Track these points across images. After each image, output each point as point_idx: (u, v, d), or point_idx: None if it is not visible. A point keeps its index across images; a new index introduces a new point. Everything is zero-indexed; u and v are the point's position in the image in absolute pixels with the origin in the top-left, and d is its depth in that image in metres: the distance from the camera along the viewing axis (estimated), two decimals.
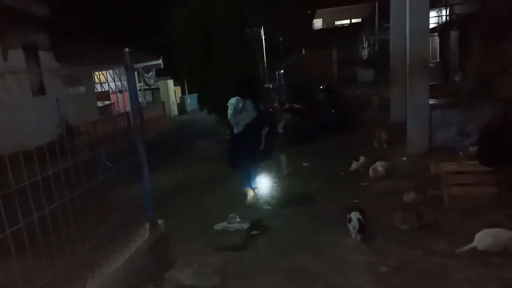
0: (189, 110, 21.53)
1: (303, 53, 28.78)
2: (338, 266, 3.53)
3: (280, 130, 9.91)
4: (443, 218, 4.27)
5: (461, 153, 5.43)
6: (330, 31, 34.43)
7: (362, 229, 3.90)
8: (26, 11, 10.07)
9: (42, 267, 2.48)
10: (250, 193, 5.47)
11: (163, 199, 5.54)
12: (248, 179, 5.51)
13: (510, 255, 3.32)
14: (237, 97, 5.26)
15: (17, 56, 9.98)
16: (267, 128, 5.46)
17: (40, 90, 10.83)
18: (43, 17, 10.95)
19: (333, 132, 9.60)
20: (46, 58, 11.14)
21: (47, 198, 2.51)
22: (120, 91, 16.99)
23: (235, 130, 5.34)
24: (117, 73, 16.82)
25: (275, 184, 6.40)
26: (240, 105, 5.21)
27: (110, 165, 3.13)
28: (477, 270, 3.21)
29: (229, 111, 5.23)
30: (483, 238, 3.43)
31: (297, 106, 10.08)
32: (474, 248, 3.43)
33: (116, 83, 17.26)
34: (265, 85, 12.33)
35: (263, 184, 5.83)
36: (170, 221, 4.14)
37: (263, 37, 23.57)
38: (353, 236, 3.97)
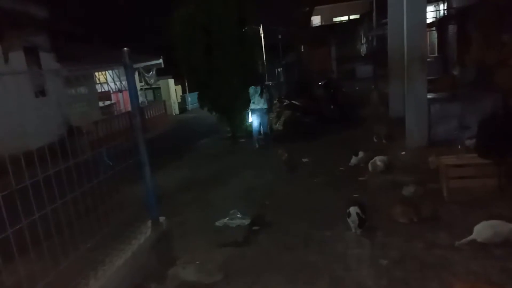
0: (190, 108, 21.60)
1: (302, 50, 28.76)
2: (341, 260, 3.56)
3: (280, 127, 9.97)
4: (443, 211, 4.28)
5: (459, 146, 5.44)
6: (328, 27, 34.38)
7: (361, 223, 3.93)
8: (26, 13, 10.10)
9: (45, 266, 2.50)
10: (257, 143, 9.16)
11: (167, 197, 5.60)
12: (258, 134, 9.24)
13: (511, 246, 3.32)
14: (252, 87, 9.02)
15: (18, 58, 10.01)
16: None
17: (42, 92, 10.87)
18: (43, 18, 10.98)
19: (332, 128, 9.63)
20: (47, 59, 11.17)
21: (49, 198, 2.54)
22: (120, 91, 17.05)
23: (252, 106, 9.19)
24: (117, 73, 16.87)
25: (276, 180, 6.44)
26: (252, 91, 8.99)
27: (111, 164, 3.17)
28: (479, 262, 3.22)
29: (250, 93, 9.10)
30: (482, 230, 3.43)
31: (297, 103, 10.10)
32: (474, 241, 3.44)
33: (117, 83, 17.33)
34: (265, 83, 12.43)
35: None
36: (173, 218, 4.19)
37: (262, 35, 23.51)
38: (353, 230, 4.00)
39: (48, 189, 2.60)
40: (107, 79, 17.99)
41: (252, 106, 9.18)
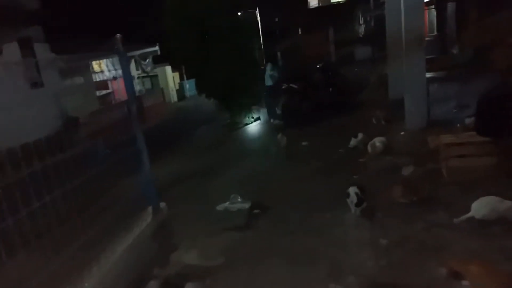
0: (188, 95, 21.47)
1: (300, 33, 28.45)
2: (341, 243, 3.58)
3: (278, 111, 9.95)
4: (443, 190, 4.28)
5: (458, 125, 5.42)
6: (325, 9, 33.91)
7: (360, 203, 3.95)
8: (18, 4, 9.95)
9: (48, 255, 2.53)
10: (273, 119, 10.13)
11: (168, 186, 5.63)
12: (270, 110, 10.39)
13: (509, 224, 3.32)
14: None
15: (12, 50, 9.90)
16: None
17: (38, 83, 10.78)
18: (37, 10, 10.83)
19: (331, 111, 9.59)
20: (42, 50, 11.04)
21: (48, 189, 2.55)
22: (115, 78, 16.88)
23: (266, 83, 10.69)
24: (111, 62, 16.70)
25: (276, 165, 6.46)
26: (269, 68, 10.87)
27: (109, 152, 3.17)
28: (478, 240, 3.23)
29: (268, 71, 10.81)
30: (479, 207, 3.44)
31: (295, 86, 10.02)
32: (472, 218, 3.45)
33: (113, 72, 17.18)
34: (262, 68, 12.44)
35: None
36: (174, 205, 4.21)
37: (258, 19, 23.24)
38: (352, 210, 4.02)
39: (47, 181, 2.60)
40: (103, 68, 17.82)
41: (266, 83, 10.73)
